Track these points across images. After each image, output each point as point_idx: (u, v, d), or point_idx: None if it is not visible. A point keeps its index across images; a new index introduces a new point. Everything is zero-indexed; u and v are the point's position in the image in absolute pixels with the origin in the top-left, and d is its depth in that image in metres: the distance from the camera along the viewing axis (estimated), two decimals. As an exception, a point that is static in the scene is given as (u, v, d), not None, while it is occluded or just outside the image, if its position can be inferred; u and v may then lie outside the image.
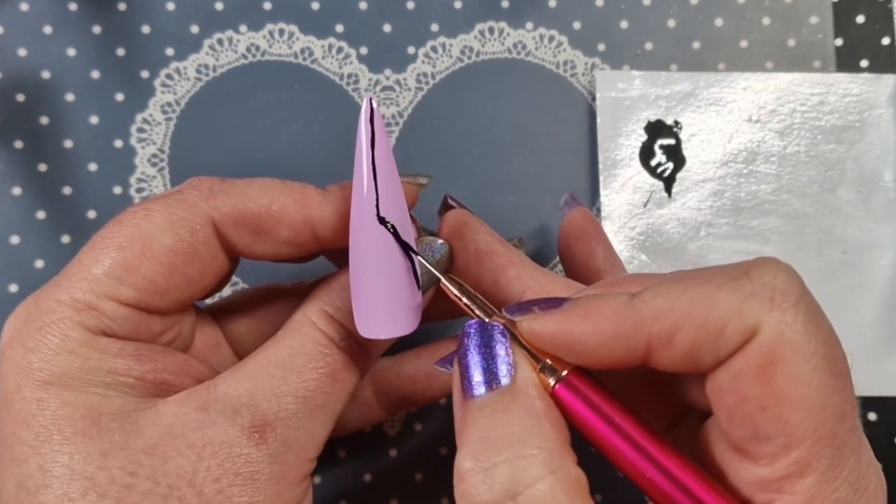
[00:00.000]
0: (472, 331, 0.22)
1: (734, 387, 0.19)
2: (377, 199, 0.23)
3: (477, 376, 0.21)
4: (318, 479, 0.37)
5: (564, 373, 0.21)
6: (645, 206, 0.39)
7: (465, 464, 0.20)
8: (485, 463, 0.20)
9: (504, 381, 0.21)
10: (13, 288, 0.37)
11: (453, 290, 0.23)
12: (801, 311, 0.19)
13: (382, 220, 0.23)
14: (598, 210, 0.39)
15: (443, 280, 0.24)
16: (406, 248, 0.24)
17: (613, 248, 0.33)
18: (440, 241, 0.26)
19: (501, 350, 0.21)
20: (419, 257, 0.24)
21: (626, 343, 0.20)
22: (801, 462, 0.19)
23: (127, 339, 0.24)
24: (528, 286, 0.25)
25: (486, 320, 0.22)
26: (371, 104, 0.24)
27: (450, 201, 0.29)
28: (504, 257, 0.26)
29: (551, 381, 0.21)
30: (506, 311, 0.22)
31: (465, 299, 0.23)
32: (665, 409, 0.24)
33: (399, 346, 0.26)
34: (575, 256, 0.33)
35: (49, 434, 0.22)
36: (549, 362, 0.21)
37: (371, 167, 0.23)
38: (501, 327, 0.22)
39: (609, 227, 0.38)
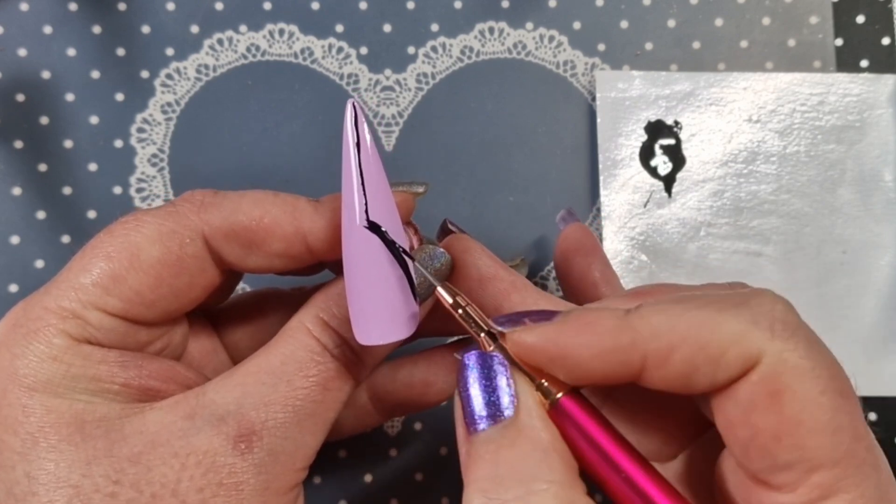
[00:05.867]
0: (471, 363, 0.21)
1: (745, 419, 0.19)
2: (366, 204, 0.23)
3: (479, 410, 0.21)
4: (318, 479, 0.37)
5: (559, 395, 0.21)
6: (645, 206, 0.39)
7: (475, 501, 0.20)
8: (495, 500, 0.19)
9: (507, 412, 0.21)
10: (13, 288, 0.37)
11: (446, 298, 0.23)
12: (802, 339, 0.19)
13: (371, 224, 0.23)
14: (598, 210, 0.39)
15: (437, 287, 0.23)
16: (394, 250, 0.24)
17: (610, 263, 0.33)
18: (440, 249, 0.26)
19: (503, 381, 0.21)
20: (411, 260, 0.24)
21: (619, 358, 0.20)
22: (823, 486, 0.19)
23: (112, 347, 0.24)
24: None
25: (481, 340, 0.22)
26: (355, 108, 0.23)
27: (449, 226, 0.29)
28: (507, 282, 0.25)
29: (546, 403, 0.21)
30: (495, 321, 0.22)
31: (459, 310, 0.22)
32: (676, 428, 0.24)
33: (395, 352, 0.26)
34: (572, 271, 0.32)
35: (35, 441, 0.22)
36: (545, 383, 0.21)
37: (359, 172, 0.23)
38: (501, 357, 0.21)
39: (609, 227, 0.38)
